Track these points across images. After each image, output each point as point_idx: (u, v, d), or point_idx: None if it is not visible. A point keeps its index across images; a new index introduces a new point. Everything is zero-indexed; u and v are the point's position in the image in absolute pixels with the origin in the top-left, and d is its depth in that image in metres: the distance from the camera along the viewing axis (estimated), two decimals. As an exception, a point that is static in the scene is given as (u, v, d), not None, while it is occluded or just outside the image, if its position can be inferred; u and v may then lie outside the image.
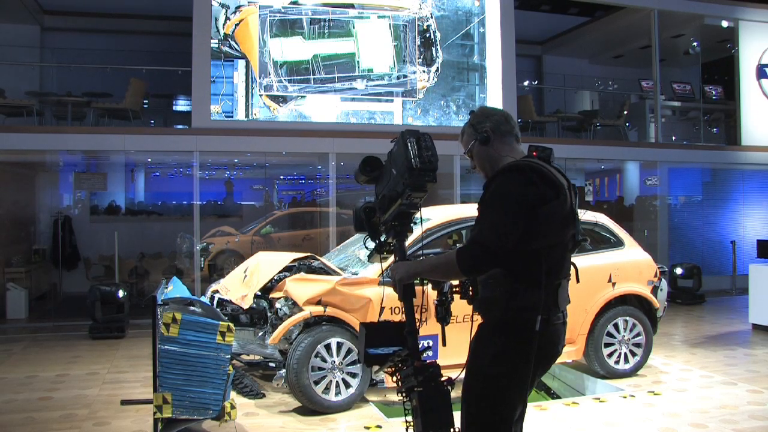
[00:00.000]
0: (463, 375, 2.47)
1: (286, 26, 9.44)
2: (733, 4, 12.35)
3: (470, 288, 2.50)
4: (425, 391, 2.39)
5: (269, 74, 9.34)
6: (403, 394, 2.49)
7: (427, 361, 2.47)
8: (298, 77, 9.45)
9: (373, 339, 2.53)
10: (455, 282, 2.56)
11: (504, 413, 2.36)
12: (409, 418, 2.47)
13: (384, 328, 2.58)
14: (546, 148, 2.47)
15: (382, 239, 2.76)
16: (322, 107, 9.62)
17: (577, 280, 2.55)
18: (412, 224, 2.67)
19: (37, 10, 11.60)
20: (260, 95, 9.34)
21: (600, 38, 13.92)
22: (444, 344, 2.64)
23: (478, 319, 2.49)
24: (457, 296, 2.56)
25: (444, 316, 2.59)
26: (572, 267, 2.56)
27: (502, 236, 2.24)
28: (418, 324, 2.57)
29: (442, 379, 2.44)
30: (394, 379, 2.55)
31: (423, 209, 7.33)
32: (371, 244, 2.80)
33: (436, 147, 2.52)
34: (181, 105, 12.12)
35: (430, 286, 2.63)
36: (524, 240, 2.26)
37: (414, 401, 2.42)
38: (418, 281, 2.56)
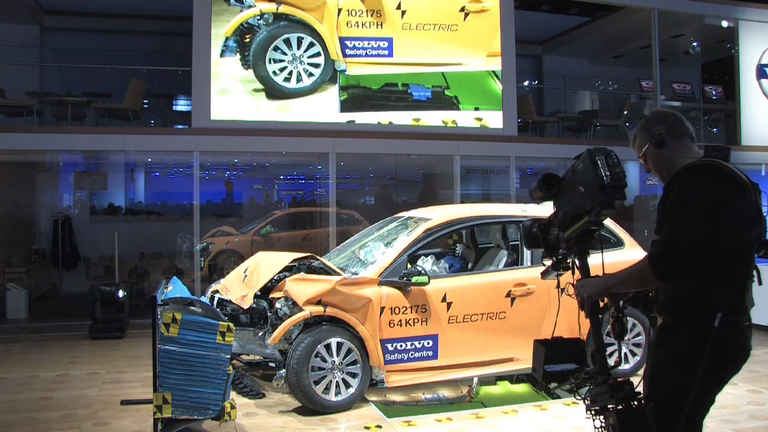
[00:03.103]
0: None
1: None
2: (733, 4, 12.33)
3: (642, 295, 2.53)
4: (624, 410, 2.35)
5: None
6: (593, 412, 2.45)
7: (620, 379, 2.42)
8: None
9: (552, 356, 2.51)
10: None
11: (694, 415, 2.34)
12: None
13: (561, 345, 2.57)
14: (723, 148, 2.43)
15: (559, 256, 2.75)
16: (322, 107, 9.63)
17: (759, 282, 2.45)
18: (593, 241, 2.66)
19: (37, 10, 11.59)
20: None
21: (600, 38, 13.90)
22: (620, 358, 2.62)
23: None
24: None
25: (620, 332, 2.56)
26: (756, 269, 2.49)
27: (693, 237, 2.24)
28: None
29: (640, 396, 2.39)
30: (577, 396, 2.50)
31: (421, 210, 7.25)
32: (548, 261, 2.76)
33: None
34: (181, 105, 12.11)
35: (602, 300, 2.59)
36: (710, 240, 2.25)
37: (611, 419, 2.37)
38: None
